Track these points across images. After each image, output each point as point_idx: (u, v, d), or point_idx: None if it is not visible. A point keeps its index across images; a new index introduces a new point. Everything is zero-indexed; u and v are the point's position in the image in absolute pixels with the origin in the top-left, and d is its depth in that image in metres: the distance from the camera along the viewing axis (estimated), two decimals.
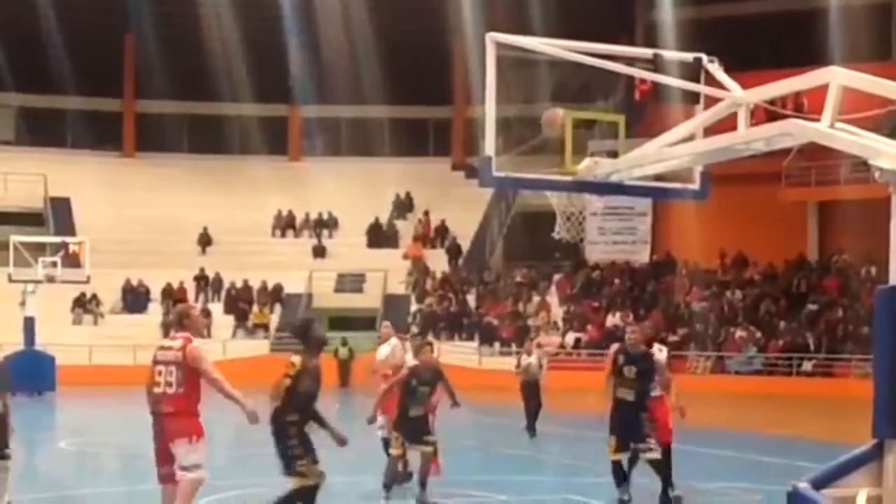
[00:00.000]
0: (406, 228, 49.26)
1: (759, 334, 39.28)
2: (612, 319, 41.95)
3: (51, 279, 35.29)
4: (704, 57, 10.55)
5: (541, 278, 45.80)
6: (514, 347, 41.35)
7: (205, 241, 48.23)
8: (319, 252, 48.20)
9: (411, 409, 13.67)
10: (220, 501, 13.46)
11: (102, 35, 48.86)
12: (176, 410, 10.27)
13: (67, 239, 37.98)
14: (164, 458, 10.36)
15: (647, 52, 10.79)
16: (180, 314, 10.94)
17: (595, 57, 10.54)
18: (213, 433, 10.71)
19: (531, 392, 22.90)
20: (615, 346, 13.88)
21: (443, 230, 48.57)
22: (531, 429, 22.69)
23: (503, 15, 38.31)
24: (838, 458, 8.80)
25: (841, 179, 39.04)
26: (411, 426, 13.75)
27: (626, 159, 10.72)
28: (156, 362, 10.46)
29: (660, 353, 14.38)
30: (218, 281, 46.27)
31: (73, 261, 36.49)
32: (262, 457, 17.52)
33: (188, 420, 10.31)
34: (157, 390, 10.36)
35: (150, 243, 46.40)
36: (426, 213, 49.30)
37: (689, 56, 10.68)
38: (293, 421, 10.61)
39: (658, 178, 11.54)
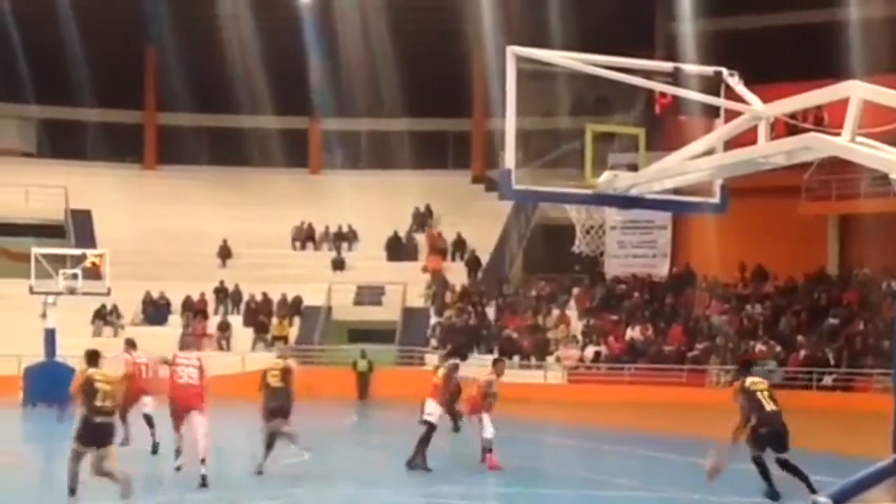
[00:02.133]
0: (425, 241, 49.25)
1: (778, 348, 39.09)
2: (632, 333, 41.89)
3: (71, 291, 35.33)
4: (725, 70, 10.53)
5: (560, 291, 45.68)
6: (533, 360, 41.32)
7: (225, 253, 48.32)
8: (339, 265, 48.21)
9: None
10: None
11: (123, 48, 49.07)
12: (197, 394, 16.77)
13: (88, 251, 37.98)
14: (183, 412, 16.88)
15: (667, 66, 10.80)
16: (194, 343, 19.14)
17: (615, 70, 10.53)
18: (225, 449, 10.71)
19: None
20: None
21: (462, 243, 48.55)
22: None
23: (523, 28, 38.32)
24: (858, 473, 8.77)
25: (861, 193, 38.81)
26: None
27: (646, 173, 10.73)
28: (177, 364, 16.91)
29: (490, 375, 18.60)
30: (237, 293, 46.31)
31: (93, 273, 36.50)
32: (277, 468, 17.60)
33: (203, 400, 16.72)
34: (181, 381, 16.75)
35: (171, 255, 46.47)
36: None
37: (709, 69, 10.67)
38: None
39: (678, 191, 11.52)
